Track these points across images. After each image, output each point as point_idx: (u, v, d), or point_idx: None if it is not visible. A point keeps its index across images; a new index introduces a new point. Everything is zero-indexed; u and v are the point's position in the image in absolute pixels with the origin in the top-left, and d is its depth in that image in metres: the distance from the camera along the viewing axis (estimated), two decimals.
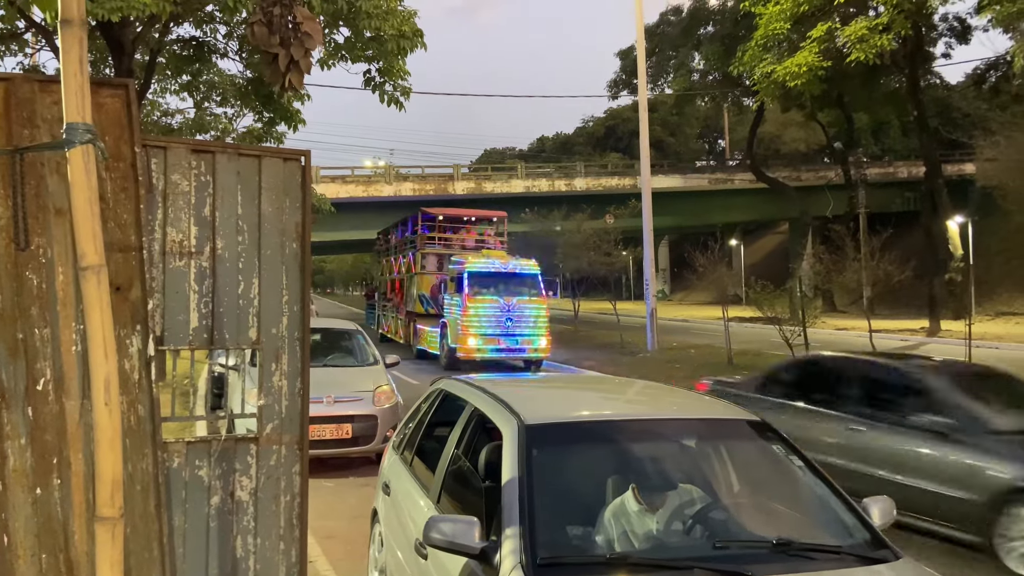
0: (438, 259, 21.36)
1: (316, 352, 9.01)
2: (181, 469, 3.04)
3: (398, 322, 24.17)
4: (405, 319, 22.86)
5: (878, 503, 3.11)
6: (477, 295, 17.80)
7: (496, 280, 18.24)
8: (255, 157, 3.16)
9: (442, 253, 21.58)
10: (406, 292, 22.66)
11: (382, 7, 12.11)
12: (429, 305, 20.89)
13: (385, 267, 27.63)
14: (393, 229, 27.25)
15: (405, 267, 23.21)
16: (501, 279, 18.30)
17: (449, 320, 18.35)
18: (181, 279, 3.03)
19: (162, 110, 17.67)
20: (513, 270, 18.56)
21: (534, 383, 5.90)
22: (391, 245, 27.33)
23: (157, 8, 9.52)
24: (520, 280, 18.53)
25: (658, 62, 35.68)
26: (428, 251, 21.60)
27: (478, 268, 18.24)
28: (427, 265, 21.33)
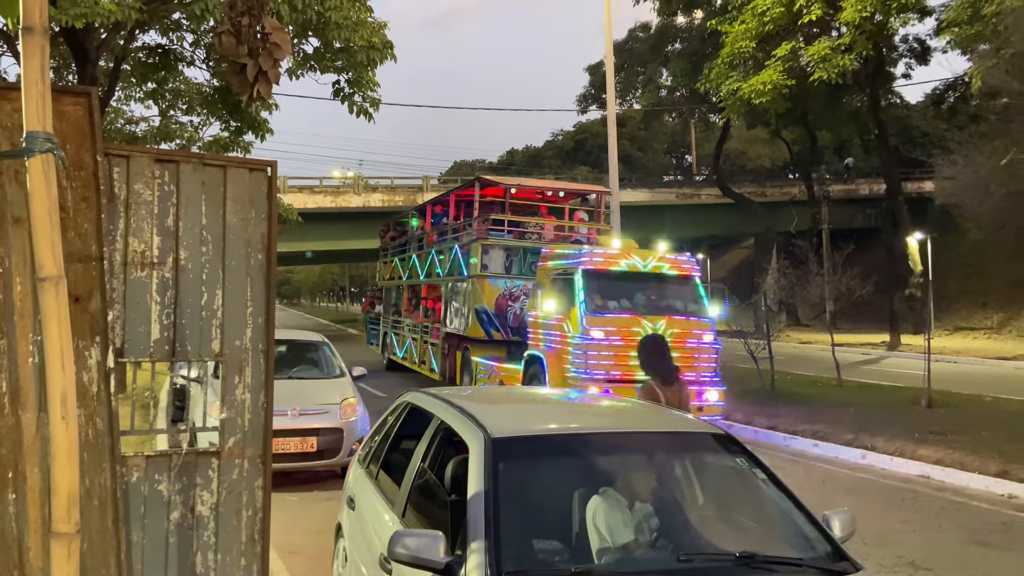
0: (506, 254, 14.26)
1: (281, 364, 8.92)
2: (140, 483, 2.99)
3: (427, 347, 16.71)
4: (443, 344, 15.56)
5: (839, 516, 3.15)
6: (604, 312, 10.80)
7: (633, 288, 11.24)
8: (220, 167, 3.13)
9: (512, 246, 14.38)
10: (447, 304, 15.61)
11: (352, 19, 12.09)
12: (493, 326, 13.82)
13: (397, 268, 20.23)
14: (414, 215, 20.51)
15: (445, 266, 15.89)
16: (640, 286, 11.28)
17: (549, 354, 11.36)
18: (142, 290, 2.98)
19: (126, 118, 17.42)
20: (659, 270, 11.33)
21: (501, 396, 5.90)
22: (409, 237, 20.15)
23: (122, 15, 9.42)
24: (673, 288, 11.43)
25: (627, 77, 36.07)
26: (492, 242, 14.10)
27: (604, 268, 11.08)
28: (490, 263, 14.00)
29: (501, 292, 13.90)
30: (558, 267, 11.71)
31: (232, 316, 3.11)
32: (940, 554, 6.17)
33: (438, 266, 16.43)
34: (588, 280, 10.97)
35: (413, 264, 18.67)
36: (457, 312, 14.92)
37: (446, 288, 15.80)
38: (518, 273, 14.25)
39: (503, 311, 13.83)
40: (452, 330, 15.07)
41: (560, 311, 11.29)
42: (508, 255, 14.41)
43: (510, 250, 14.48)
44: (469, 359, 14.37)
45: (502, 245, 14.45)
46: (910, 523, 7.10)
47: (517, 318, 13.64)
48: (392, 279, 21.04)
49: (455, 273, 15.15)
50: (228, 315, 3.10)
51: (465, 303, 14.43)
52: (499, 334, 13.90)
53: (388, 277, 21.66)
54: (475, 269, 14.07)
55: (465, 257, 14.61)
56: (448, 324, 15.36)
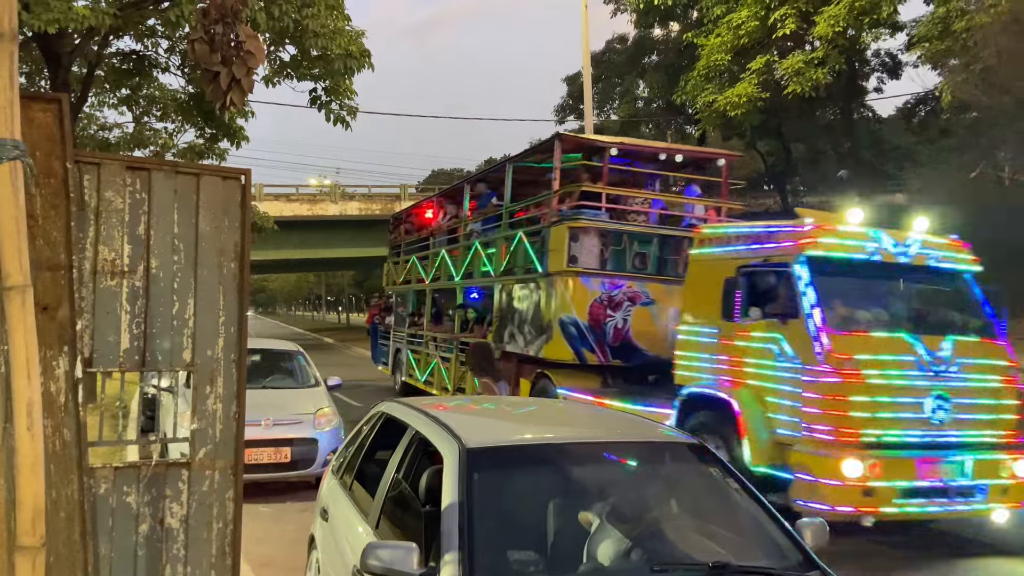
0: (602, 242, 10.06)
1: (255, 374, 8.84)
2: (108, 495, 2.94)
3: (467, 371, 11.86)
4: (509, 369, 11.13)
5: (810, 525, 3.18)
6: (851, 328, 6.81)
7: (884, 289, 7.42)
8: (193, 175, 3.11)
9: (613, 230, 10.17)
10: (503, 314, 11.47)
11: (329, 27, 12.06)
12: (586, 343, 9.74)
13: (416, 269, 15.82)
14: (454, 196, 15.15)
15: (498, 262, 11.73)
16: (893, 286, 7.45)
17: (741, 398, 7.09)
18: (112, 299, 2.94)
19: (99, 124, 17.24)
20: (923, 261, 7.19)
21: (476, 406, 5.88)
22: (434, 229, 15.56)
23: (96, 20, 9.32)
24: (941, 288, 7.64)
25: (604, 89, 36.30)
26: (585, 224, 9.90)
27: (843, 254, 7.02)
28: (580, 255, 9.83)
29: (597, 297, 9.68)
30: (750, 254, 7.41)
31: (204, 325, 3.08)
32: None
33: (485, 263, 12.10)
34: (819, 274, 6.76)
35: (442, 262, 14.05)
36: (524, 324, 10.64)
37: (501, 293, 11.55)
38: (616, 268, 10.04)
39: (600, 323, 9.67)
40: (514, 349, 10.94)
41: (762, 327, 7.01)
42: (604, 244, 10.02)
43: (607, 237, 10.06)
44: (547, 389, 10.18)
45: (600, 230, 9.94)
46: None
47: (619, 333, 9.75)
48: (408, 283, 16.42)
49: (518, 271, 11.00)
50: (200, 324, 3.07)
51: (539, 312, 10.22)
52: (594, 356, 9.67)
53: (403, 281, 16.85)
54: (558, 263, 9.77)
55: (540, 247, 10.34)
56: (506, 341, 11.07)
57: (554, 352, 9.92)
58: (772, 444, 6.76)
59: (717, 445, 6.92)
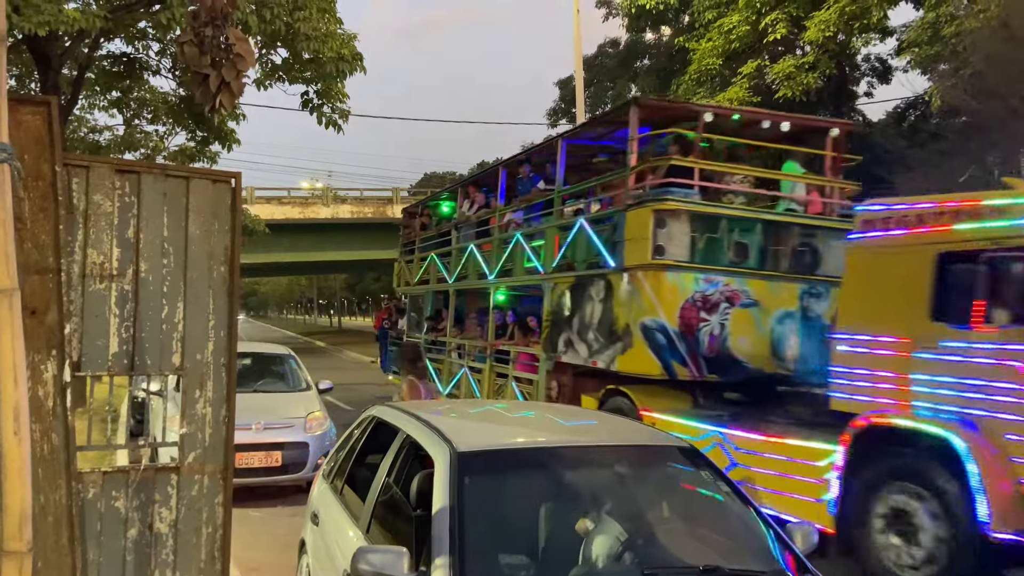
0: (692, 227, 8.16)
1: (246, 377, 8.81)
2: (97, 500, 2.93)
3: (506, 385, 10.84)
4: (547, 383, 9.78)
5: (800, 529, 3.18)
6: None
7: None
8: (183, 178, 3.10)
9: (711, 214, 8.29)
10: (559, 317, 9.60)
11: (321, 29, 12.04)
12: (676, 354, 7.98)
13: (436, 267, 13.97)
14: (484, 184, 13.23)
15: (548, 256, 10.03)
16: None
17: (969, 435, 5.22)
18: (101, 302, 2.93)
19: (90, 126, 17.16)
20: None
21: (468, 409, 5.88)
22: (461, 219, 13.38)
23: (87, 23, 9.29)
24: None
25: (596, 92, 36.35)
26: (675, 206, 7.97)
27: None
28: (668, 244, 8.00)
29: (690, 296, 7.87)
30: (971, 235, 5.57)
31: (193, 329, 3.07)
32: None
33: (530, 258, 10.35)
34: None
35: (470, 259, 12.26)
36: (587, 330, 8.84)
37: (553, 293, 9.65)
38: (709, 261, 8.08)
39: (693, 328, 7.86)
40: (573, 359, 9.12)
41: (1004, 335, 5.25)
42: (696, 231, 8.11)
43: (701, 223, 8.12)
44: (622, 409, 8.17)
45: (692, 214, 7.99)
46: None
47: (715, 341, 7.92)
48: (426, 283, 14.68)
49: (579, 266, 9.31)
50: (189, 328, 3.06)
51: (610, 315, 8.42)
52: (685, 369, 7.87)
53: (419, 280, 15.03)
54: (639, 255, 7.92)
55: (610, 237, 8.56)
56: (560, 349, 9.35)
57: (634, 364, 8.00)
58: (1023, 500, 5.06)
59: (923, 498, 5.34)
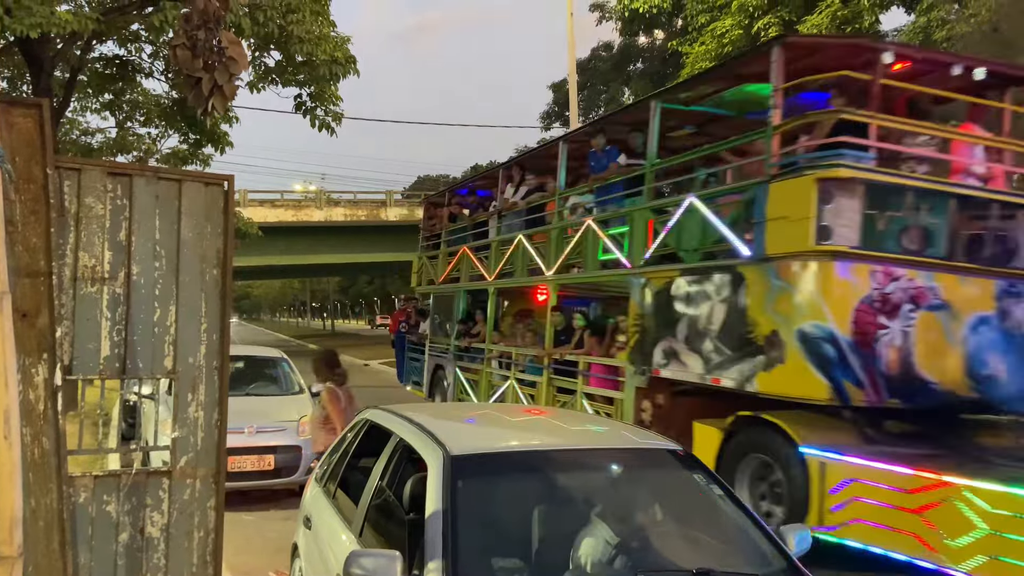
0: (866, 204, 5.99)
1: (238, 380, 8.79)
2: (88, 504, 2.91)
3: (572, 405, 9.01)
4: (637, 402, 7.89)
5: (794, 531, 3.19)
6: None
7: None
8: (175, 181, 3.09)
9: (888, 184, 6.12)
10: (655, 322, 7.67)
11: (314, 32, 12.04)
12: (849, 373, 5.83)
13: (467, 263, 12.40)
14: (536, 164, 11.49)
15: (634, 245, 8.22)
16: None
17: None
18: (92, 306, 2.92)
19: (82, 129, 17.10)
20: None
21: (461, 413, 5.88)
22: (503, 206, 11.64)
23: (79, 25, 9.26)
24: None
25: (589, 96, 36.43)
26: (844, 174, 5.82)
27: None
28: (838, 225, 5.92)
29: (865, 295, 5.99)
30: None
31: (186, 332, 3.06)
32: None
33: (609, 248, 8.55)
34: None
35: (518, 252, 10.60)
36: (704, 337, 6.90)
37: (644, 291, 7.81)
38: (885, 248, 6.20)
39: (869, 338, 5.98)
40: (680, 375, 7.23)
41: None
42: (873, 208, 6.21)
43: (880, 196, 6.24)
44: (770, 446, 6.33)
45: (872, 184, 6.08)
46: None
47: (898, 356, 6.04)
48: (455, 280, 12.95)
49: (688, 256, 7.34)
50: (181, 331, 3.05)
51: (745, 318, 6.46)
52: (861, 392, 5.94)
53: (445, 278, 13.29)
54: (794, 240, 6.03)
55: (745, 216, 6.67)
56: (658, 361, 7.47)
57: (788, 383, 6.00)
58: None
59: None
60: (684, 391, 7.50)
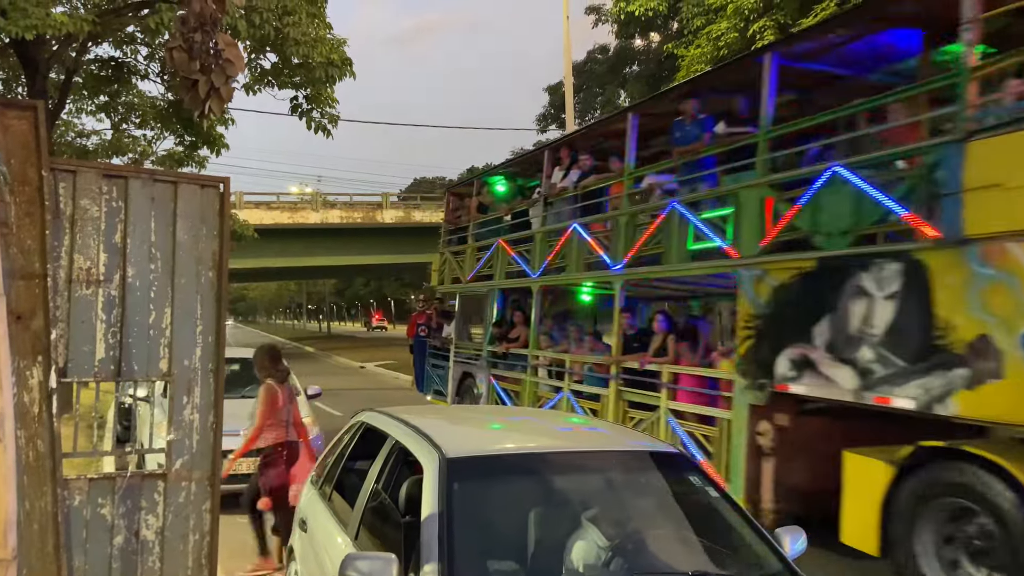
0: None
1: (234, 382, 8.75)
2: (83, 507, 2.91)
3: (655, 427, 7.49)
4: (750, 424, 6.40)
5: (790, 533, 3.19)
6: None
7: None
8: (171, 183, 3.09)
9: None
10: (780, 324, 6.25)
11: (311, 35, 12.03)
12: None
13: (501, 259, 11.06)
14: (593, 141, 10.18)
15: (748, 230, 6.71)
16: None
17: None
18: (88, 308, 2.92)
19: (77, 131, 17.07)
20: None
21: (457, 414, 5.87)
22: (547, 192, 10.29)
23: (74, 27, 9.25)
24: None
25: (585, 98, 36.50)
26: None
27: None
28: None
29: None
30: None
31: (181, 335, 3.06)
32: None
33: (705, 234, 7.21)
34: None
35: (572, 243, 9.29)
36: (856, 344, 5.61)
37: (759, 284, 6.49)
38: None
39: None
40: (819, 391, 5.93)
41: None
42: None
43: None
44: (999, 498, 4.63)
45: None
46: None
47: None
48: (488, 278, 11.47)
49: (828, 241, 5.95)
50: (177, 334, 3.05)
51: (925, 319, 5.17)
52: None
53: (476, 276, 11.86)
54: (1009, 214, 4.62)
55: (926, 187, 5.29)
56: (785, 375, 6.14)
57: (1009, 405, 4.67)
58: None
59: None
60: (816, 411, 6.22)
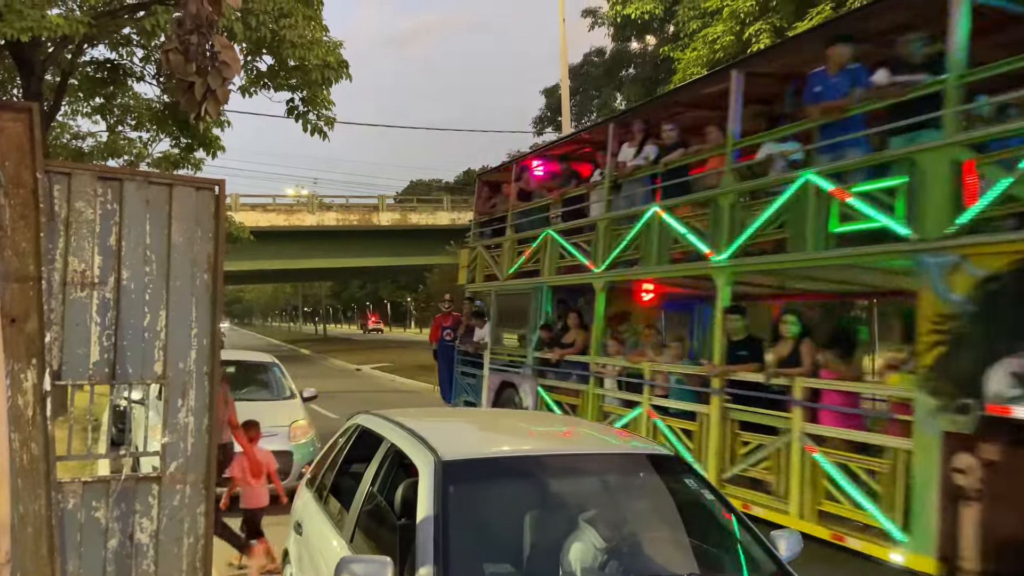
0: None
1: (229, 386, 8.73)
2: (77, 510, 2.90)
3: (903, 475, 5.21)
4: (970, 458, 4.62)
5: (784, 536, 3.20)
6: None
7: None
8: (166, 185, 3.09)
9: None
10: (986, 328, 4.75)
11: (307, 37, 12.03)
12: None
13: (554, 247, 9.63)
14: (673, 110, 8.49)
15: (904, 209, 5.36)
16: None
17: None
18: (82, 311, 2.91)
19: (72, 133, 17.04)
20: None
21: (452, 417, 5.87)
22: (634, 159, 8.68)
23: (70, 29, 9.23)
24: None
25: (582, 101, 36.54)
26: None
27: None
28: None
29: None
30: None
31: (176, 337, 3.05)
32: None
33: (846, 214, 5.89)
34: None
35: (653, 231, 7.85)
36: None
37: (954, 275, 5.00)
38: None
39: None
40: None
41: None
42: None
43: None
44: None
45: None
46: None
47: None
48: (533, 275, 10.14)
49: None
50: (172, 336, 3.04)
51: None
52: None
53: (516, 271, 10.53)
54: None
55: None
56: (1004, 393, 4.61)
57: None
58: None
59: None
60: None
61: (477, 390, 11.16)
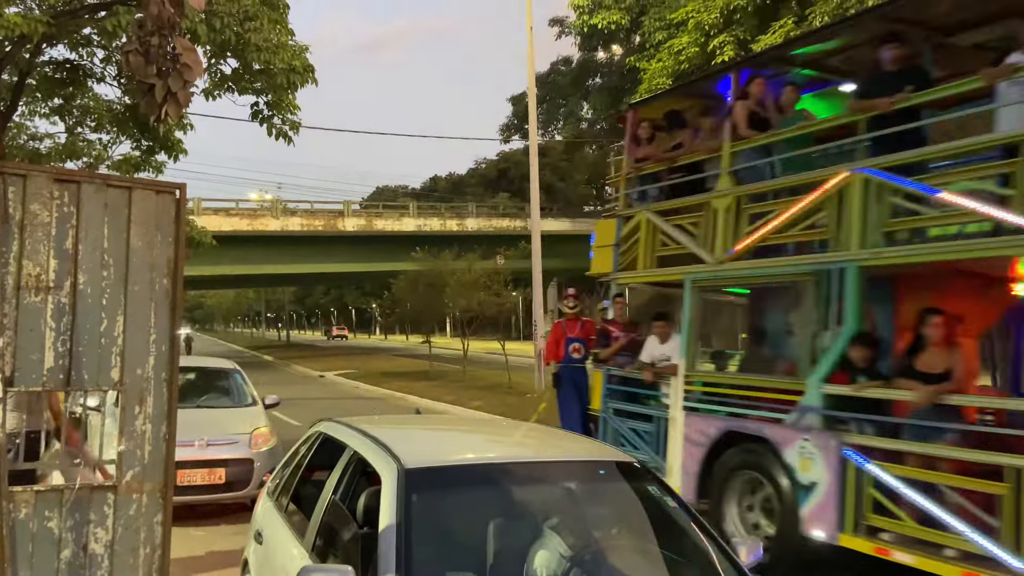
0: None
1: (189, 392, 8.61)
2: (28, 520, 2.82)
3: None
4: None
5: (746, 543, 3.23)
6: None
7: None
8: (125, 188, 3.03)
9: None
10: None
11: (272, 40, 11.91)
12: None
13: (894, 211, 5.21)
14: None
15: None
16: None
17: None
18: (36, 316, 2.84)
19: (30, 134, 16.67)
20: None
21: (416, 424, 5.84)
22: None
23: (28, 28, 9.03)
24: None
25: (549, 109, 36.73)
26: None
27: None
28: None
29: None
30: None
31: (134, 343, 2.99)
32: None
33: None
34: None
35: None
36: None
37: None
38: None
39: None
40: None
41: None
42: None
43: None
44: None
45: None
46: None
47: None
48: (775, 251, 6.48)
49: None
50: (129, 342, 2.98)
51: None
52: None
53: (754, 250, 6.53)
54: None
55: None
56: None
57: None
58: None
59: None
60: None
61: (652, 442, 7.28)
